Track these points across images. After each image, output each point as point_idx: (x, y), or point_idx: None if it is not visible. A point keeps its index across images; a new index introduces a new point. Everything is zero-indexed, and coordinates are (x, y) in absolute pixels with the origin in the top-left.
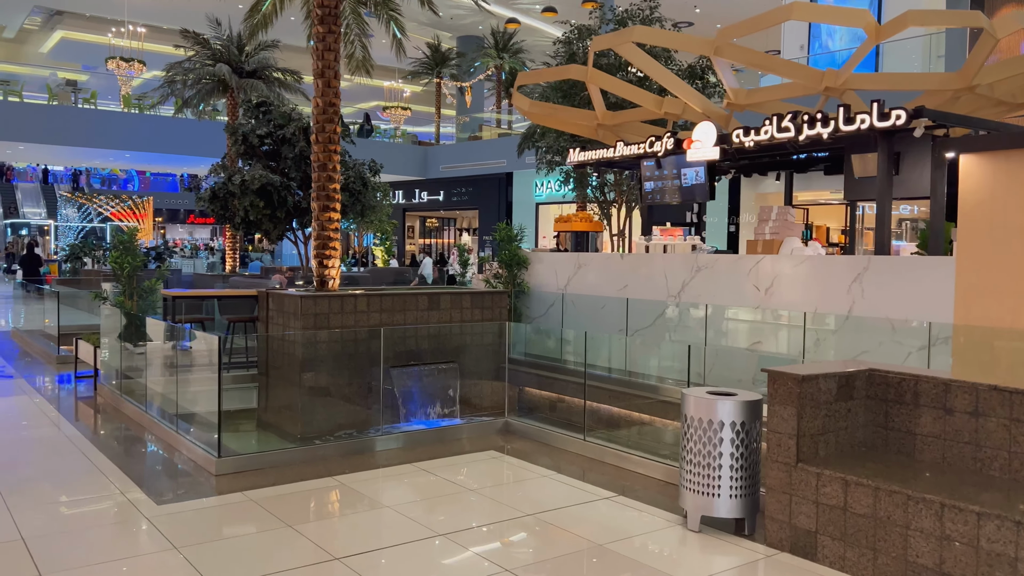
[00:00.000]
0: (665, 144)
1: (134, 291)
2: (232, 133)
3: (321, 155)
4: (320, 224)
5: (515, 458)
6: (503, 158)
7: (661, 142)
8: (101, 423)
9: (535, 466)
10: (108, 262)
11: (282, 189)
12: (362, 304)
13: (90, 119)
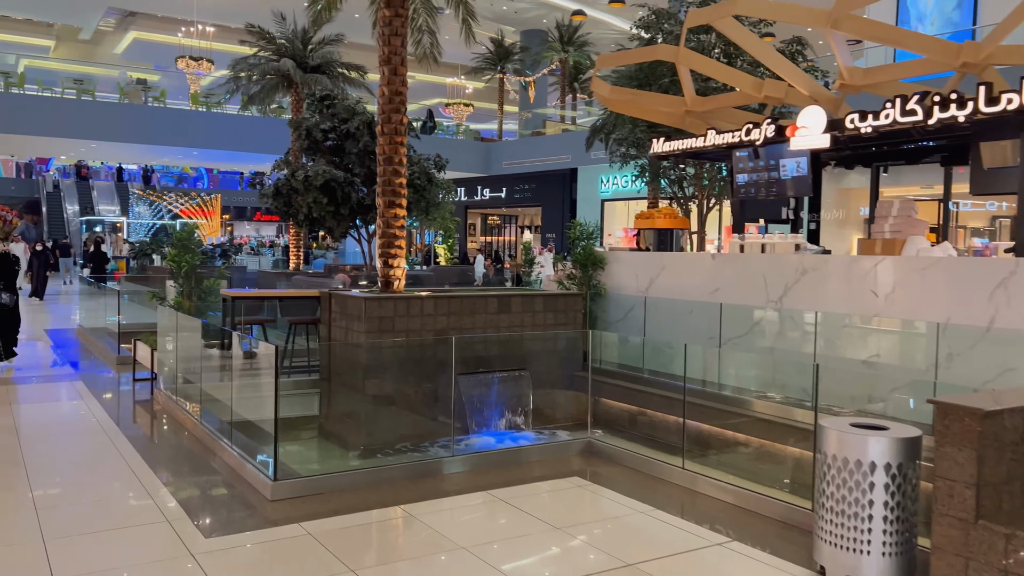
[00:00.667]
0: (764, 132)
1: (193, 291)
2: (296, 128)
3: (387, 148)
4: (385, 221)
5: (602, 487)
6: (567, 153)
7: (760, 129)
8: (153, 434)
9: (627, 498)
10: (166, 260)
11: (346, 185)
12: (428, 307)
13: (159, 117)
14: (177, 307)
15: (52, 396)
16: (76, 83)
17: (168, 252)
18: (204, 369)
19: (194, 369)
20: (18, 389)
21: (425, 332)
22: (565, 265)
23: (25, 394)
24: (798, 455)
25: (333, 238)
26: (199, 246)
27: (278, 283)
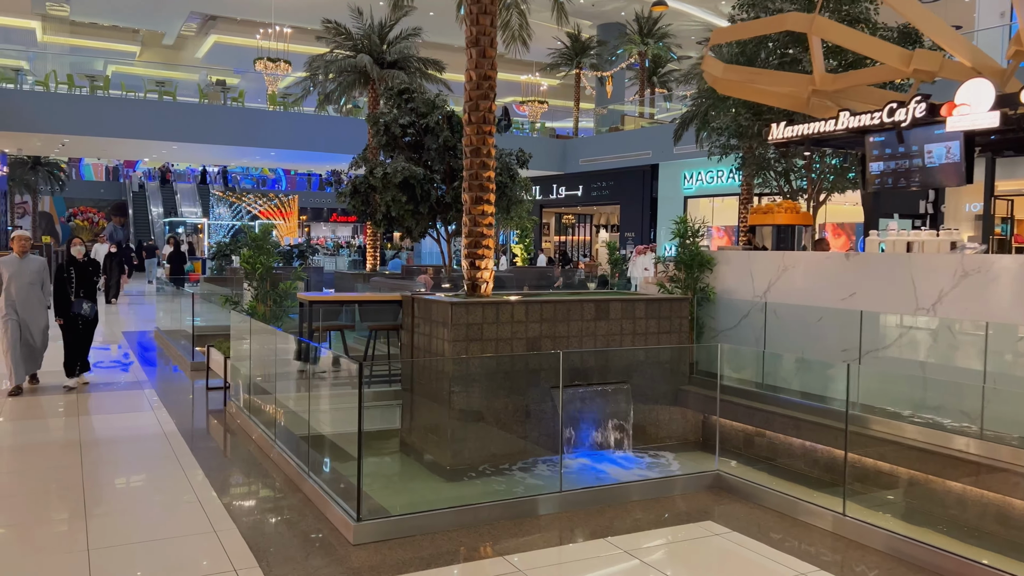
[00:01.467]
0: (912, 111)
1: (268, 294)
2: (374, 123)
3: (474, 138)
4: (472, 218)
5: (743, 536)
6: (647, 149)
7: (907, 109)
8: (222, 454)
9: (777, 552)
10: (240, 262)
11: (425, 182)
12: (519, 313)
13: (237, 117)
14: (251, 312)
15: (122, 406)
16: (158, 85)
17: (242, 253)
18: (279, 380)
19: (269, 380)
20: (89, 398)
21: (516, 341)
22: (667, 266)
23: (96, 403)
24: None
25: (412, 238)
26: (275, 247)
27: (356, 285)
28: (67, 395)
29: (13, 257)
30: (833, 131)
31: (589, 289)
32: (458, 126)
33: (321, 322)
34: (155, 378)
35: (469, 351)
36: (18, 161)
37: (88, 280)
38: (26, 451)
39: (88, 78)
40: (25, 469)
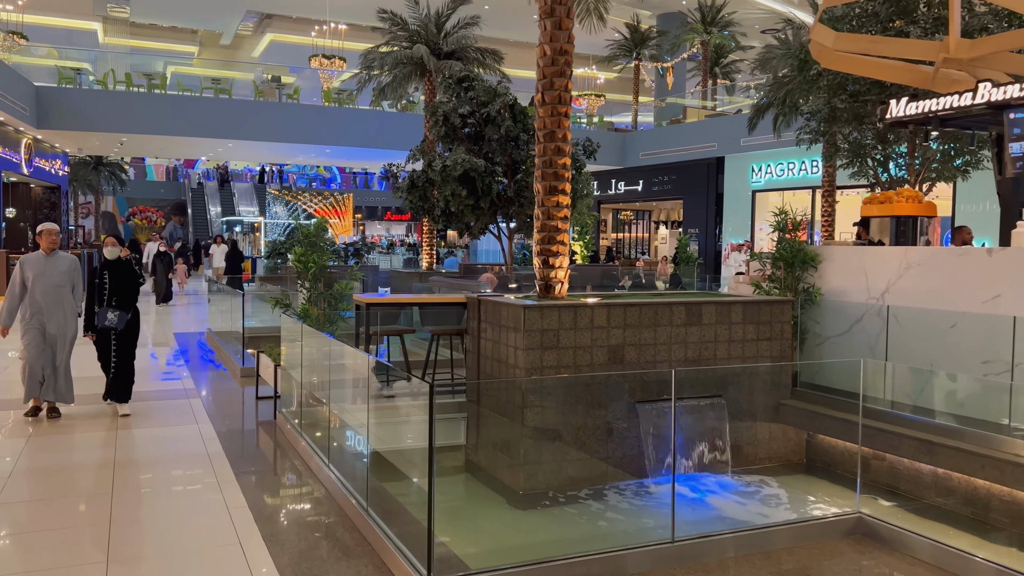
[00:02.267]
0: None
1: (322, 295)
2: (432, 113)
3: (548, 120)
4: (545, 211)
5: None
6: (712, 141)
7: None
8: (269, 480)
9: None
10: (291, 261)
11: (486, 175)
12: (600, 317)
13: (292, 114)
14: (303, 315)
15: (165, 419)
16: (214, 82)
17: (294, 251)
18: (334, 391)
19: (322, 391)
20: (130, 406)
21: (596, 349)
22: (764, 263)
23: (137, 416)
24: None
25: (471, 235)
26: (330, 245)
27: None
28: (107, 406)
29: (39, 255)
30: (969, 106)
31: (659, 289)
32: (520, 115)
33: (379, 326)
34: (203, 385)
35: (543, 360)
36: (81, 162)
37: (125, 284)
38: (52, 474)
39: (146, 76)
40: (49, 497)
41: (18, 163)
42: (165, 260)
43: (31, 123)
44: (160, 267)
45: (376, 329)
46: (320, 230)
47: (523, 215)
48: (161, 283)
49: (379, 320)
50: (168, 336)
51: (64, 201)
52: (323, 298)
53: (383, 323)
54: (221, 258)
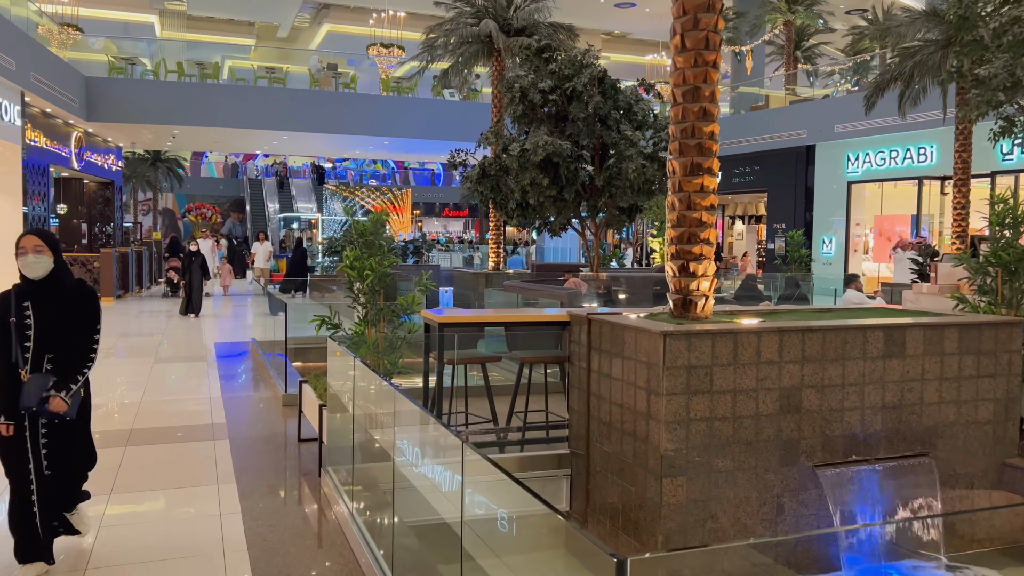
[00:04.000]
0: None
1: (381, 313)
2: (508, 89)
3: (690, 72)
4: (685, 199)
5: None
6: (802, 128)
7: None
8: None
9: None
10: (340, 267)
11: (572, 161)
12: (769, 347)
13: (348, 103)
14: (356, 341)
15: (180, 474)
16: (268, 71)
17: (344, 254)
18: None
19: (381, 455)
20: (141, 452)
21: (763, 393)
22: (981, 269)
23: (142, 467)
24: None
25: (550, 231)
26: (390, 244)
27: (481, 288)
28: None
29: None
30: None
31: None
32: (611, 91)
33: (456, 352)
34: (235, 417)
35: (691, 410)
36: (139, 158)
37: (69, 328)
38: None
39: (198, 65)
40: None
41: (68, 157)
42: (200, 262)
43: (80, 115)
44: (194, 270)
45: (452, 356)
46: (379, 225)
47: (614, 207)
48: (195, 289)
49: (456, 344)
50: (205, 347)
51: (118, 197)
52: (382, 315)
53: (461, 348)
54: (264, 257)
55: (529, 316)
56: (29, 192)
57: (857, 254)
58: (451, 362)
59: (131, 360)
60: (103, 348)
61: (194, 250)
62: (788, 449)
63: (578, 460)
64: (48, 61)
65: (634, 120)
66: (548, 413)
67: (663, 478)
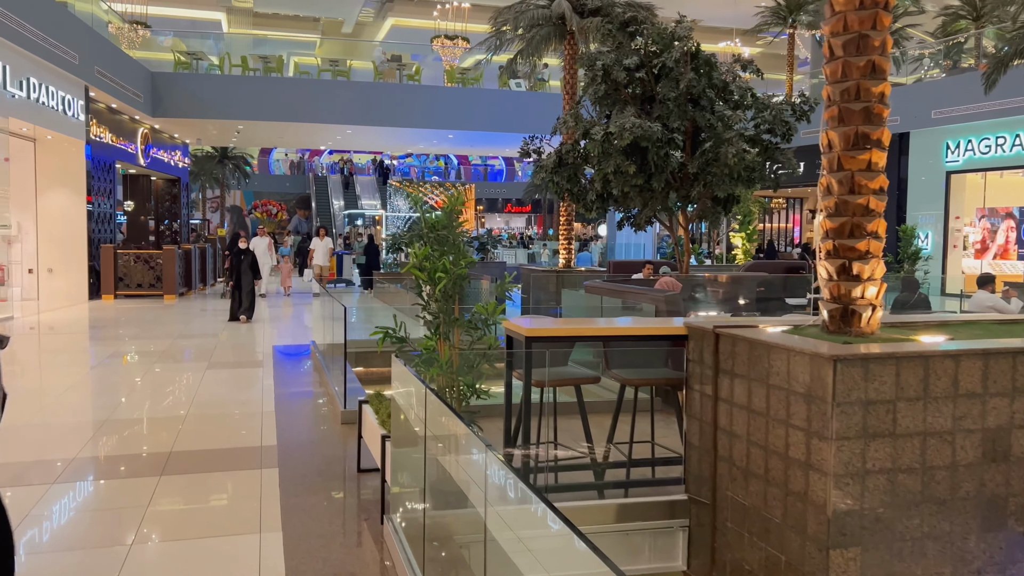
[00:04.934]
0: None
1: (455, 324)
2: (588, 66)
3: (852, 15)
4: (847, 179)
5: None
6: (893, 115)
7: None
8: None
9: None
10: (406, 268)
11: (663, 146)
12: (970, 374)
13: (413, 95)
14: (426, 359)
15: (218, 518)
16: (331, 64)
17: (411, 252)
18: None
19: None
20: (177, 484)
21: (961, 436)
22: None
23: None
24: None
25: (635, 224)
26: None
27: (548, 285)
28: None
29: None
30: None
31: None
32: (705, 66)
33: (547, 370)
34: (287, 438)
35: (867, 459)
36: (207, 155)
37: None
38: None
39: (262, 59)
40: None
41: (134, 154)
42: (249, 260)
43: (146, 111)
44: (244, 269)
45: (544, 378)
46: (453, 217)
47: (708, 197)
48: (244, 292)
49: (547, 362)
50: (262, 351)
51: (184, 194)
52: (456, 327)
53: (552, 366)
54: (324, 255)
55: (637, 329)
56: (94, 189)
57: (956, 250)
58: (540, 384)
59: (184, 365)
60: (157, 351)
61: (243, 248)
62: (993, 510)
63: (700, 509)
64: (112, 56)
65: (730, 100)
66: (655, 446)
67: (830, 549)
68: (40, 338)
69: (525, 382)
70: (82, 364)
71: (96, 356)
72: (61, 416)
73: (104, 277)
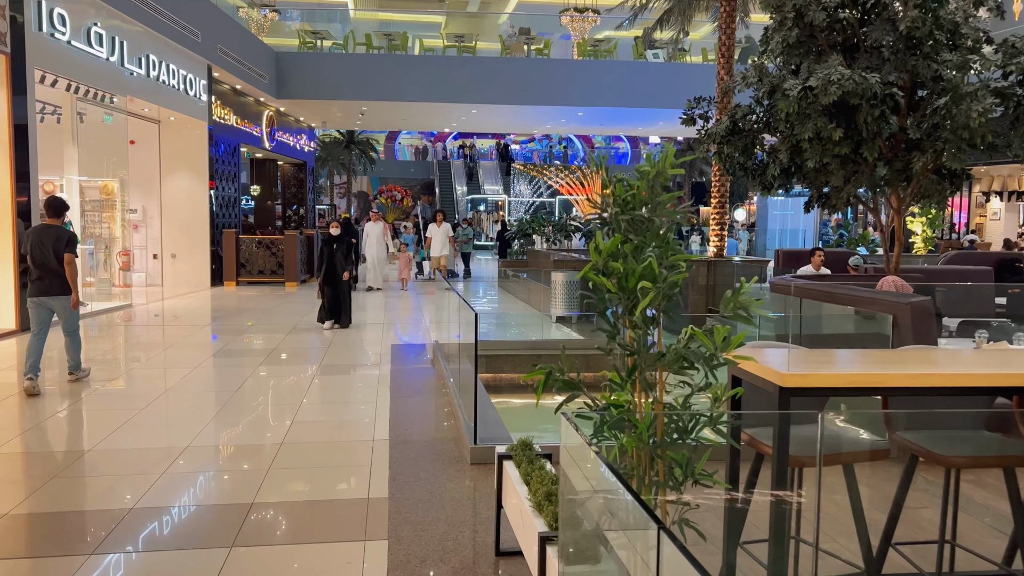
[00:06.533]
0: None
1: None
2: (777, 7)
3: None
4: None
5: None
6: None
7: None
8: None
9: None
10: (583, 272)
11: (880, 103)
12: None
13: (541, 71)
14: (614, 418)
15: None
16: (456, 39)
17: (592, 246)
18: None
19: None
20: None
21: None
22: None
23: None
24: None
25: (828, 205)
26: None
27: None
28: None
29: None
30: None
31: None
32: (931, 2)
33: (818, 438)
34: (401, 491)
35: None
36: (334, 140)
37: None
38: None
39: (386, 36)
40: None
41: (259, 137)
42: (344, 246)
43: (271, 92)
44: (326, 258)
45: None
46: (656, 187)
47: (931, 170)
48: (338, 293)
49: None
50: (379, 351)
51: (310, 179)
52: (663, 366)
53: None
54: (441, 244)
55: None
56: (218, 172)
57: None
58: (800, 463)
59: (288, 369)
60: (267, 349)
61: (335, 234)
62: None
63: None
64: (237, 34)
65: (962, 46)
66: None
67: None
68: (154, 330)
69: (777, 460)
70: (184, 364)
71: (201, 354)
72: (131, 446)
73: (227, 263)
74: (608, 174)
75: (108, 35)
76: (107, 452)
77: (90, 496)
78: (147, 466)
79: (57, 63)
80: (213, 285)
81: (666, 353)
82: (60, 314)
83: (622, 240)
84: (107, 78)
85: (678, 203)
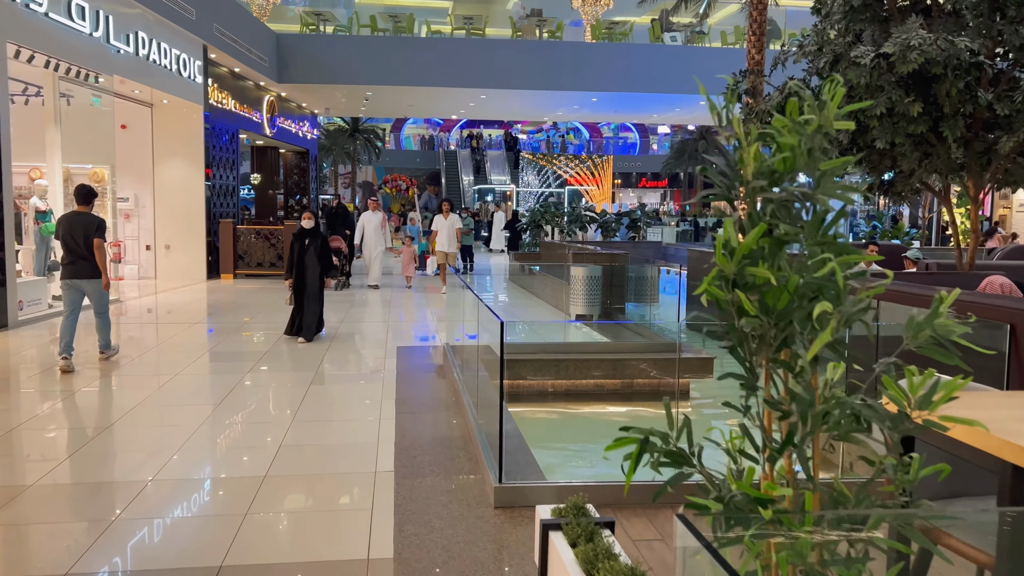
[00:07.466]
0: None
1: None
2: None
3: None
4: None
5: None
6: None
7: None
8: None
9: None
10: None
11: (963, 75)
12: None
13: (553, 53)
14: (757, 533)
15: None
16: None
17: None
18: None
19: None
20: None
21: None
22: None
23: None
24: None
25: (895, 197)
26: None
27: None
28: None
29: None
30: None
31: None
32: None
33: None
34: (411, 546)
35: None
36: (338, 129)
37: None
38: None
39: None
40: None
41: (259, 123)
42: (315, 245)
43: (272, 76)
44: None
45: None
46: (815, 156)
47: (1018, 152)
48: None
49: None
50: (383, 354)
51: (313, 167)
52: (839, 435)
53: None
54: (448, 239)
55: None
56: (215, 159)
57: None
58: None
59: (286, 376)
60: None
61: (307, 227)
62: None
63: None
64: (234, 14)
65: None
66: None
67: None
68: (147, 328)
69: None
70: (168, 371)
71: (188, 357)
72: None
73: (223, 254)
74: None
75: (92, 8)
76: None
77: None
78: (88, 538)
79: (33, 37)
80: (209, 278)
81: (829, 411)
82: (90, 296)
83: (766, 230)
84: (91, 55)
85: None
